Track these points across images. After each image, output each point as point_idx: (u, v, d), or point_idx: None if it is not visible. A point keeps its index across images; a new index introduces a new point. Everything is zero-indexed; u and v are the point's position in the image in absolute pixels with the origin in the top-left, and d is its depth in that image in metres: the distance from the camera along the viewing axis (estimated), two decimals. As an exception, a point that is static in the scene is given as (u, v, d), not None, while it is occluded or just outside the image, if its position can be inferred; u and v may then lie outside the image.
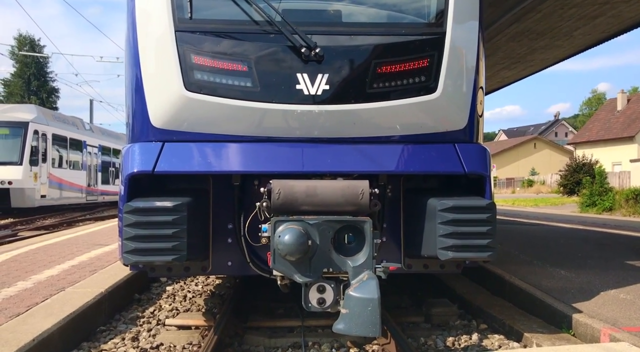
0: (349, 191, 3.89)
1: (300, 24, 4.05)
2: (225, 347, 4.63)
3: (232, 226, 4.47)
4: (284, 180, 3.98)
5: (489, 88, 19.21)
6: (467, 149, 4.26)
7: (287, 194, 3.89)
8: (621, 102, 50.47)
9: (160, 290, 6.97)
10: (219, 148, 4.16)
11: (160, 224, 3.80)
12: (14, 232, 15.33)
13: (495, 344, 4.80)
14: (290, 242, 3.63)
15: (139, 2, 4.22)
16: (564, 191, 39.65)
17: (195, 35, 4.05)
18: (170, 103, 4.08)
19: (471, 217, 3.98)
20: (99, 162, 29.96)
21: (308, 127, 4.10)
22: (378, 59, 4.10)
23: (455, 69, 4.20)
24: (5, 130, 21.37)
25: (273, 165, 4.12)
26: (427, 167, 4.24)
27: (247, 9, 4.04)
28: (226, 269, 4.69)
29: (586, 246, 8.46)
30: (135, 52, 4.19)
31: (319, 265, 3.75)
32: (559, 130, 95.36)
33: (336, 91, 4.04)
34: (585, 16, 11.33)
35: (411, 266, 4.60)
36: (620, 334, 4.05)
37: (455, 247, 3.93)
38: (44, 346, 4.04)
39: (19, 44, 54.05)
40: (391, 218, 4.56)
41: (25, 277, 6.04)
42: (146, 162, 4.05)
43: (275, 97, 4.04)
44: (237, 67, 4.03)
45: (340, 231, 3.82)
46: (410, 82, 4.13)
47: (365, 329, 3.45)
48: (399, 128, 4.21)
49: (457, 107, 4.29)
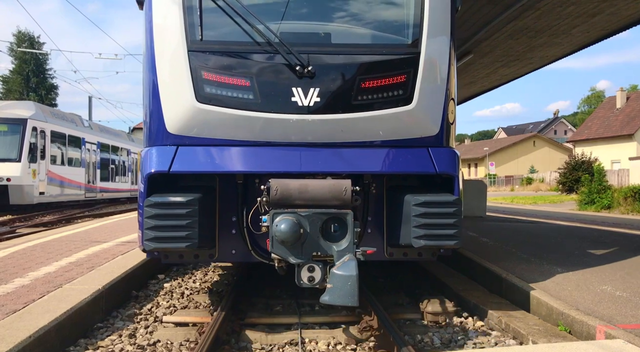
0: (334, 189, 4.49)
1: (295, 45, 4.65)
2: (222, 344, 4.64)
3: (236, 218, 5.06)
4: (281, 179, 4.56)
5: (488, 85, 19.22)
6: (439, 152, 4.89)
7: (283, 191, 4.48)
8: (620, 100, 50.48)
9: (157, 287, 6.98)
10: (224, 151, 4.76)
11: (176, 216, 4.41)
12: (12, 229, 15.33)
13: (492, 342, 4.81)
14: (285, 230, 4.25)
15: (156, 20, 4.78)
16: (562, 189, 39.70)
17: (205, 55, 4.66)
18: (184, 112, 4.67)
19: (440, 210, 4.63)
20: (98, 159, 29.93)
21: (302, 134, 4.70)
22: (362, 75, 4.71)
23: (429, 84, 4.80)
24: (3, 127, 21.32)
25: (272, 166, 4.73)
26: (404, 168, 4.89)
27: (249, 31, 4.66)
28: (230, 257, 5.25)
29: (583, 244, 8.48)
30: (153, 68, 4.79)
31: (309, 249, 4.37)
32: (558, 128, 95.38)
33: (326, 103, 4.64)
34: (583, 14, 11.32)
35: (392, 254, 5.23)
36: (615, 331, 4.06)
37: (427, 236, 4.58)
38: (41, 342, 4.04)
39: (18, 41, 53.97)
40: (375, 212, 5.20)
41: (22, 274, 6.05)
42: (163, 163, 4.68)
43: (273, 108, 4.62)
44: (240, 82, 4.63)
45: (327, 221, 4.42)
46: (390, 95, 4.74)
47: (346, 300, 4.10)
48: (380, 134, 4.83)
49: (430, 116, 4.89)
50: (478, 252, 7.38)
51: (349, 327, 5.25)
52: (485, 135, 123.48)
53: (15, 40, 54.34)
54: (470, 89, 19.89)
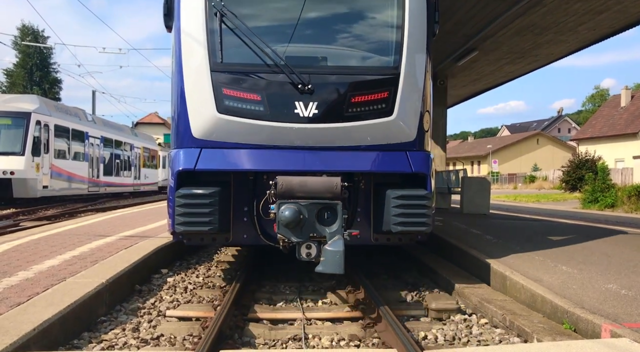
0: (327, 184, 5.40)
1: (297, 67, 5.52)
2: (225, 338, 4.64)
3: (247, 208, 6.06)
4: (285, 176, 5.46)
5: (493, 83, 19.17)
6: (415, 155, 5.78)
7: (287, 185, 5.40)
8: (625, 98, 50.26)
9: (161, 281, 6.98)
10: (240, 153, 5.64)
11: (201, 205, 5.40)
12: (15, 222, 15.36)
13: (496, 339, 4.80)
14: (289, 215, 5.19)
15: (184, 45, 5.65)
16: (566, 187, 39.57)
17: (224, 74, 5.54)
18: (206, 121, 5.56)
19: (414, 202, 5.59)
20: (101, 154, 29.97)
21: (303, 139, 5.58)
22: (352, 91, 5.59)
23: (407, 99, 5.68)
24: (7, 121, 21.33)
25: (279, 165, 5.59)
26: (386, 168, 5.80)
27: (260, 55, 5.55)
28: (242, 240, 6.15)
29: (588, 242, 8.45)
30: (181, 84, 5.68)
31: (307, 231, 5.30)
32: (562, 126, 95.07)
33: (323, 114, 5.51)
34: (590, 11, 11.26)
35: (377, 239, 6.15)
36: (621, 330, 4.04)
37: (402, 223, 5.56)
38: (45, 335, 4.05)
39: (22, 34, 53.95)
40: (364, 204, 6.17)
41: (26, 267, 6.05)
42: (189, 162, 5.58)
43: (279, 118, 5.50)
44: (253, 96, 5.51)
45: (321, 210, 5.34)
46: (375, 108, 5.63)
47: (334, 269, 5.03)
48: (367, 140, 5.69)
49: (408, 125, 5.76)
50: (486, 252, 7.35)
51: (353, 323, 5.25)
52: (489, 132, 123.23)
53: (20, 33, 54.35)
54: (475, 86, 19.84)
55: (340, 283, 6.79)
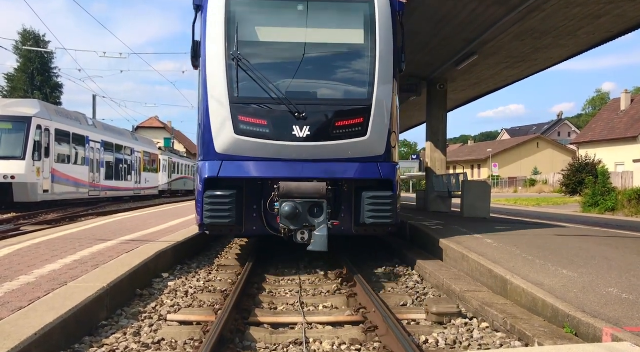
0: (316, 187, 7.03)
1: (294, 100, 7.09)
2: (226, 342, 4.64)
3: (256, 206, 7.70)
4: (286, 181, 7.08)
5: (492, 87, 19.20)
6: (383, 165, 7.41)
7: (287, 189, 7.04)
8: (625, 102, 50.32)
9: (162, 285, 6.98)
10: (251, 164, 7.23)
11: (222, 204, 7.07)
12: (16, 227, 15.37)
13: (497, 343, 4.80)
14: (288, 210, 6.88)
15: (210, 84, 7.23)
16: (566, 191, 39.57)
17: (239, 105, 7.13)
18: (226, 140, 7.17)
19: (382, 201, 7.24)
20: (102, 158, 30.00)
21: (298, 154, 7.14)
22: (336, 118, 7.19)
23: (377, 124, 7.26)
24: (8, 125, 21.35)
25: (280, 174, 7.18)
26: (361, 175, 7.36)
27: (267, 91, 7.14)
28: (253, 232, 7.84)
29: (589, 246, 8.44)
30: (207, 112, 7.28)
31: (301, 221, 6.95)
32: (562, 130, 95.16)
33: (314, 135, 7.09)
34: (589, 15, 11.29)
35: (357, 231, 7.67)
36: (622, 333, 4.04)
37: (373, 217, 7.22)
38: (46, 339, 4.05)
39: (23, 39, 54.01)
40: (347, 203, 7.78)
41: (27, 272, 6.06)
42: (214, 171, 7.21)
43: (281, 138, 7.08)
44: (261, 122, 7.10)
45: (312, 206, 6.97)
46: (353, 130, 7.21)
47: (321, 247, 6.65)
48: (348, 154, 7.25)
49: (379, 144, 7.34)
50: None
51: (354, 327, 5.25)
52: (489, 136, 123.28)
53: (21, 38, 54.40)
54: (475, 90, 19.86)
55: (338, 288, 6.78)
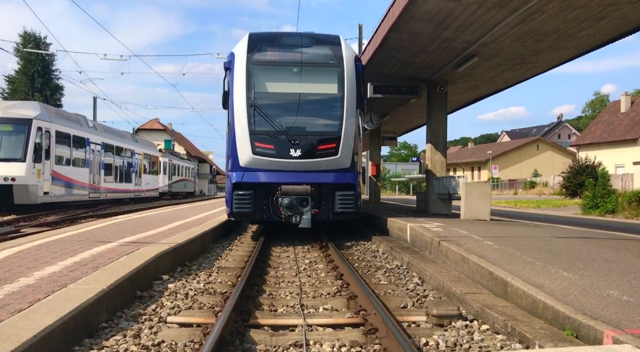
0: (305, 189, 11.24)
1: (291, 131, 11.29)
2: (226, 344, 4.63)
3: (266, 201, 11.60)
4: (286, 185, 11.30)
5: (492, 89, 19.20)
6: (350, 174, 11.58)
7: (286, 189, 11.33)
8: (625, 104, 50.32)
9: (162, 288, 6.98)
10: (263, 173, 11.32)
11: (244, 200, 11.31)
12: (16, 229, 15.36)
13: (497, 345, 4.79)
14: (287, 203, 11.27)
15: (236, 120, 11.42)
16: (566, 193, 39.56)
17: (256, 135, 11.24)
18: (247, 158, 11.31)
19: (347, 198, 11.51)
20: (102, 160, 30.00)
21: (293, 167, 11.24)
22: (318, 143, 11.32)
23: (345, 147, 11.43)
24: (8, 127, 21.37)
25: (282, 180, 11.28)
26: (335, 181, 11.51)
27: (273, 126, 11.29)
28: (263, 219, 11.80)
29: (589, 248, 8.44)
30: (234, 140, 11.44)
31: (295, 210, 11.25)
32: (562, 132, 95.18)
33: (304, 155, 11.19)
34: (589, 18, 11.28)
35: (333, 217, 11.65)
36: (623, 336, 4.03)
37: (341, 208, 11.49)
38: (46, 342, 4.03)
39: (24, 41, 54.07)
40: (327, 199, 11.74)
41: (27, 274, 6.05)
42: (239, 178, 11.35)
43: (282, 156, 11.19)
44: (269, 146, 11.21)
45: (302, 200, 11.26)
46: (329, 151, 11.35)
47: (306, 225, 11.17)
48: (325, 167, 11.40)
49: (346, 160, 11.53)
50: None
51: (354, 329, 5.24)
52: (489, 138, 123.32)
53: (22, 40, 54.47)
54: (475, 92, 19.86)
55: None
